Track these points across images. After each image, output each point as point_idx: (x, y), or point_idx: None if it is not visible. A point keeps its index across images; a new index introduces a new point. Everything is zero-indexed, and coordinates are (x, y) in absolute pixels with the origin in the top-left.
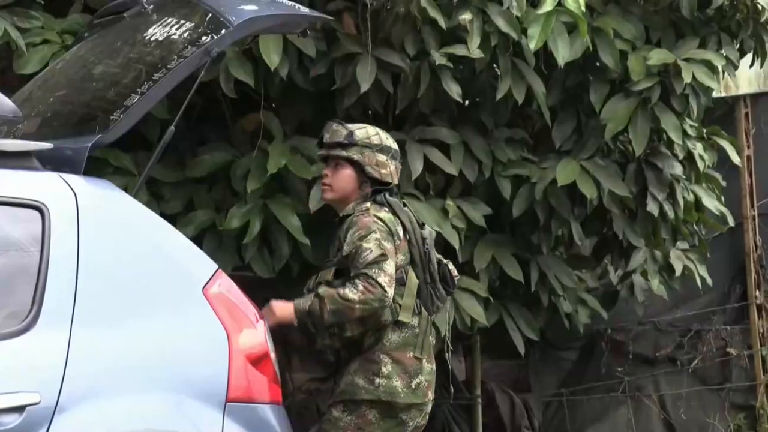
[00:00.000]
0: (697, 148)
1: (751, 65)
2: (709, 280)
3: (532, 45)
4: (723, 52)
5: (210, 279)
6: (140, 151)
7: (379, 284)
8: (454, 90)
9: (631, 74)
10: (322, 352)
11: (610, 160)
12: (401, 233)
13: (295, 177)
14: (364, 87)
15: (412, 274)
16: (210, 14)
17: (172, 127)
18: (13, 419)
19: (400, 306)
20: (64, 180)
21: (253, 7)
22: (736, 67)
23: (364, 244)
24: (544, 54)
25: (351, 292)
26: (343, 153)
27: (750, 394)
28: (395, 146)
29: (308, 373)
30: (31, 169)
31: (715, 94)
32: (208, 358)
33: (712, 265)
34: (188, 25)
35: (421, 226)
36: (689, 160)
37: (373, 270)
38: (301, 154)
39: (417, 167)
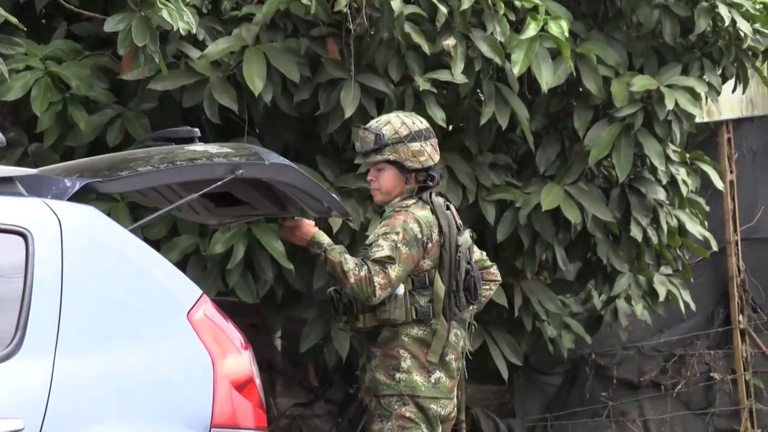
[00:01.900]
0: (680, 173)
1: (734, 91)
2: (692, 305)
3: (516, 70)
4: (705, 78)
5: (194, 304)
6: None
7: (373, 284)
8: (438, 115)
9: (614, 100)
10: (305, 378)
11: (594, 185)
12: (435, 236)
13: None
14: (348, 112)
15: (438, 278)
16: (254, 151)
17: (196, 195)
18: None
19: (415, 309)
20: (48, 206)
21: (295, 165)
22: (718, 93)
23: (380, 241)
24: (528, 79)
25: (352, 272)
26: (379, 157)
27: (734, 418)
28: (423, 124)
29: (292, 398)
30: (14, 195)
31: (697, 120)
32: (193, 383)
33: (696, 290)
34: (229, 150)
35: (461, 231)
36: (672, 185)
37: (376, 267)
38: None
39: None
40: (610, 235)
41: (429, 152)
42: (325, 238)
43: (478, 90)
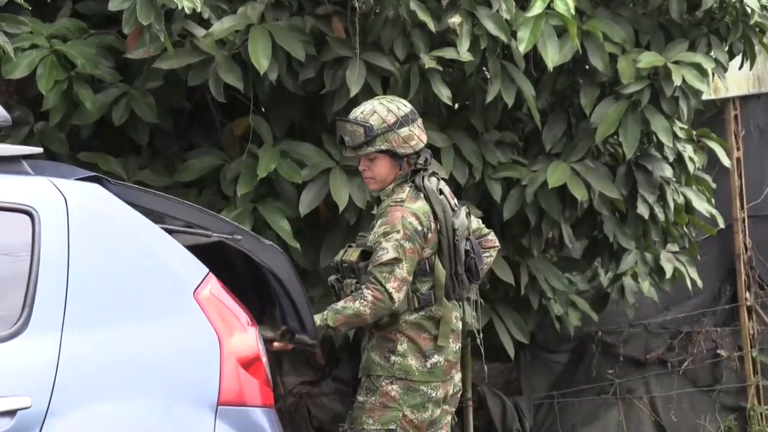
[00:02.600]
0: (687, 150)
1: (741, 67)
2: (699, 282)
3: (522, 48)
4: (712, 54)
5: (201, 282)
6: (129, 156)
7: (387, 291)
8: (444, 93)
9: (620, 77)
10: (312, 356)
11: (600, 163)
12: (433, 224)
13: (285, 181)
14: (354, 91)
15: (438, 264)
16: (261, 240)
17: (213, 235)
18: (5, 423)
19: (417, 297)
20: (54, 184)
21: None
22: (725, 70)
23: (383, 243)
24: (534, 57)
25: (361, 305)
26: (372, 149)
27: (740, 395)
28: (408, 107)
29: (299, 376)
30: (20, 174)
31: (704, 97)
32: (200, 361)
33: (702, 267)
34: (237, 223)
35: (455, 212)
36: (679, 162)
37: (384, 274)
38: (291, 158)
39: None
40: (617, 212)
41: (417, 135)
42: (317, 320)
43: (484, 68)
